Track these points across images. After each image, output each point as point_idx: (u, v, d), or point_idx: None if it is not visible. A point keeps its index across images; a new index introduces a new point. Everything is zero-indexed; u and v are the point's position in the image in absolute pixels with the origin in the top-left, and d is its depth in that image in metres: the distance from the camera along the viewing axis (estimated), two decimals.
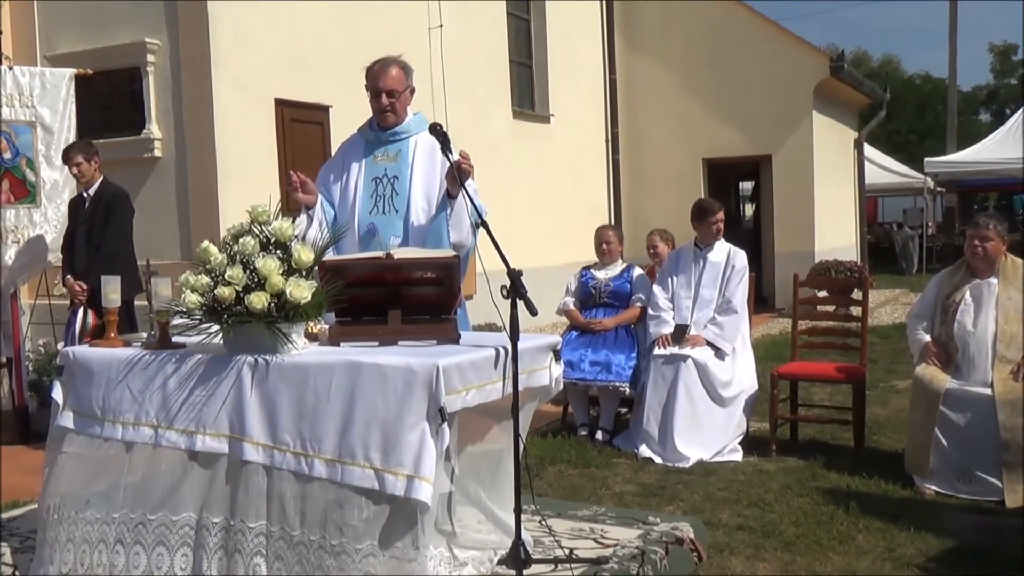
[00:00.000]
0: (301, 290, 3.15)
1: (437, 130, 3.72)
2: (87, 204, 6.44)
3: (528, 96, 13.02)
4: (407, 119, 4.10)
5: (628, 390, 6.27)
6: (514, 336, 3.22)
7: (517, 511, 3.33)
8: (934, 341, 5.31)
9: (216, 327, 3.26)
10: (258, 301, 3.12)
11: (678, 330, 6.10)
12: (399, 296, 3.46)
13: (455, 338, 3.41)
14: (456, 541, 3.48)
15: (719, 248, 6.27)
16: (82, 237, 6.39)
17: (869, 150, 19.04)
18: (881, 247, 23.28)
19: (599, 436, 6.30)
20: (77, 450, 3.52)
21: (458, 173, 3.70)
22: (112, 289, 3.71)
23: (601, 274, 6.74)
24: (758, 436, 6.16)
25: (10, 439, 6.59)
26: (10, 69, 6.83)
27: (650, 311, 6.32)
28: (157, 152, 8.03)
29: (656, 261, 6.93)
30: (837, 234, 14.88)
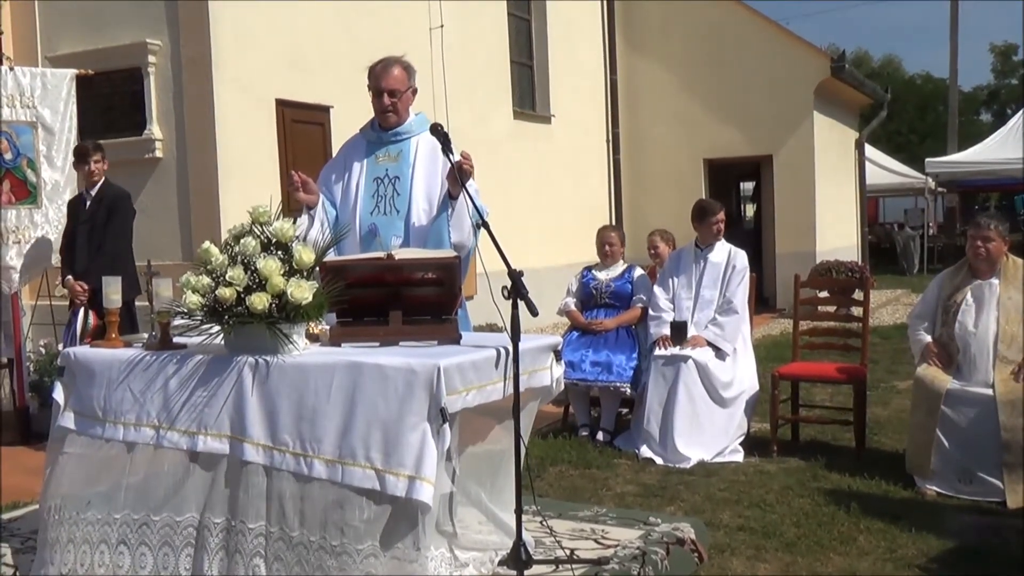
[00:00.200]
0: (302, 291, 3.15)
1: (438, 131, 3.72)
2: (88, 204, 6.44)
3: (529, 96, 13.02)
4: (409, 119, 4.10)
5: (629, 391, 6.27)
6: (515, 336, 3.22)
7: (518, 512, 3.33)
8: (935, 342, 5.31)
9: (217, 328, 3.26)
10: (259, 302, 3.13)
11: (676, 326, 6.09)
12: (400, 297, 3.45)
13: (456, 339, 3.41)
14: (457, 542, 3.48)
15: (720, 248, 6.27)
16: (83, 237, 6.39)
17: (870, 150, 19.04)
18: (882, 247, 23.27)
19: (600, 437, 6.30)
20: (78, 451, 3.53)
21: (459, 174, 3.70)
22: (113, 290, 3.72)
23: (602, 275, 6.74)
24: (759, 437, 6.16)
25: (11, 440, 6.59)
26: (11, 70, 6.82)
27: (651, 312, 6.32)
28: (158, 153, 8.03)
29: (657, 262, 6.93)
30: (838, 234, 14.87)
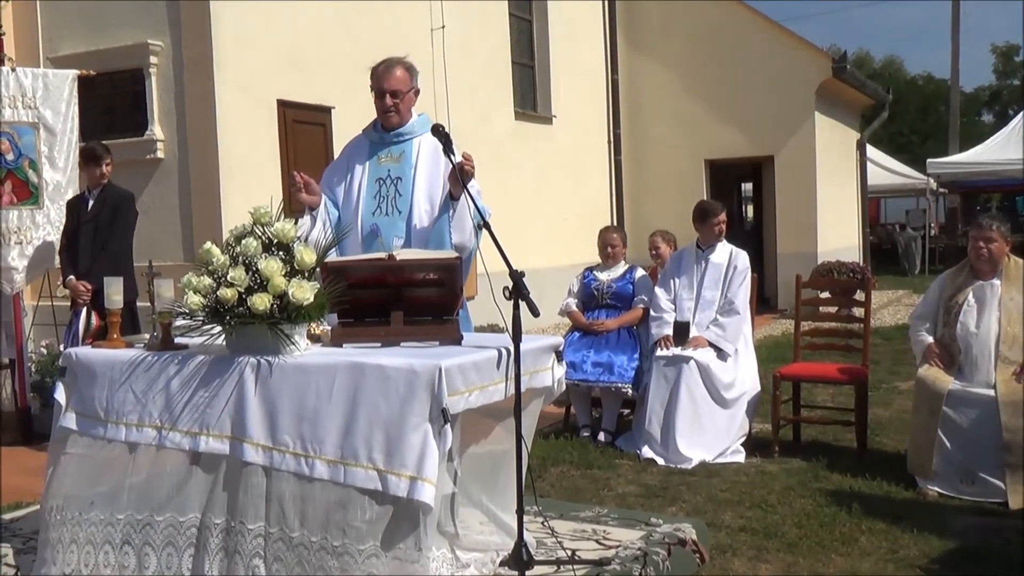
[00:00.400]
0: (303, 291, 3.15)
1: (439, 131, 3.72)
2: (91, 204, 6.44)
3: (530, 97, 13.02)
4: (411, 120, 4.09)
5: (630, 391, 6.27)
6: (516, 337, 3.22)
7: (519, 512, 3.33)
8: (937, 342, 5.31)
9: (219, 328, 3.26)
10: (260, 302, 3.13)
11: (679, 327, 6.10)
12: (401, 297, 3.45)
13: (457, 339, 3.41)
14: (459, 542, 3.48)
15: (721, 249, 6.27)
16: (87, 237, 6.38)
17: (871, 151, 19.03)
18: (883, 248, 23.26)
19: (601, 437, 6.30)
20: (80, 451, 3.53)
21: (460, 175, 3.70)
22: (115, 290, 3.71)
23: (603, 275, 6.74)
24: (760, 437, 6.16)
25: (12, 440, 6.59)
26: (13, 70, 6.82)
27: (652, 312, 6.32)
28: (160, 153, 8.04)
29: (658, 262, 6.93)
30: (839, 235, 14.87)
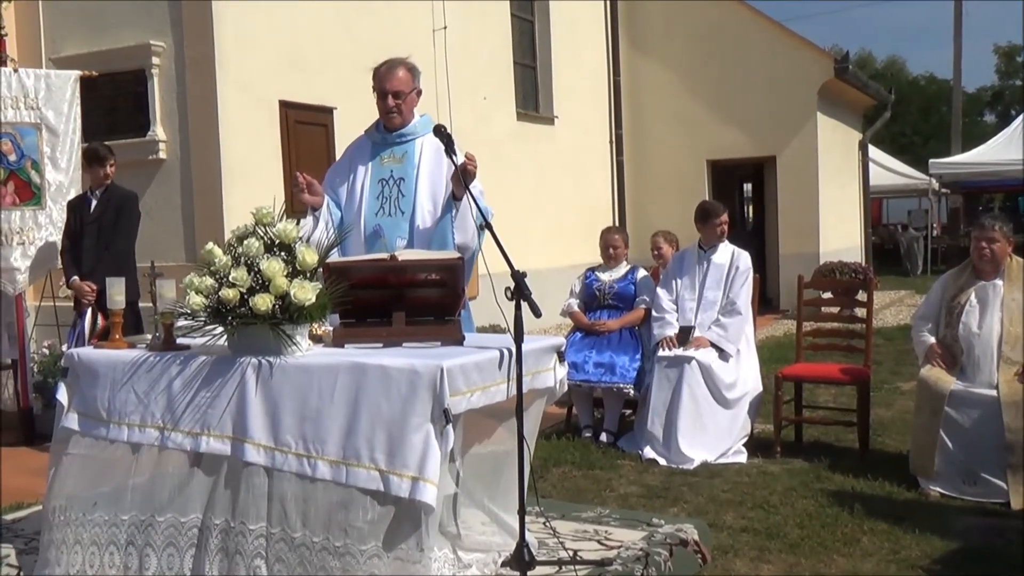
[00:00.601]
0: (305, 292, 3.15)
1: (441, 132, 3.72)
2: (95, 204, 6.44)
3: (532, 97, 13.02)
4: (413, 121, 4.09)
5: (632, 392, 6.27)
6: (518, 338, 3.22)
7: (521, 513, 3.33)
8: (939, 343, 5.30)
9: (220, 329, 3.26)
10: (262, 303, 3.13)
11: (684, 332, 6.10)
12: (403, 298, 3.45)
13: (459, 340, 3.41)
14: (460, 543, 3.48)
15: (723, 250, 6.27)
16: (91, 238, 6.38)
17: (873, 151, 19.01)
18: (886, 248, 23.23)
19: (603, 438, 6.30)
20: (83, 452, 3.53)
21: (463, 175, 3.70)
22: (117, 291, 3.71)
23: (605, 276, 6.74)
24: (762, 438, 6.15)
25: (14, 440, 6.60)
26: (15, 71, 6.83)
27: (654, 313, 6.32)
28: (162, 154, 8.05)
29: (660, 263, 6.92)
30: (841, 235, 14.86)
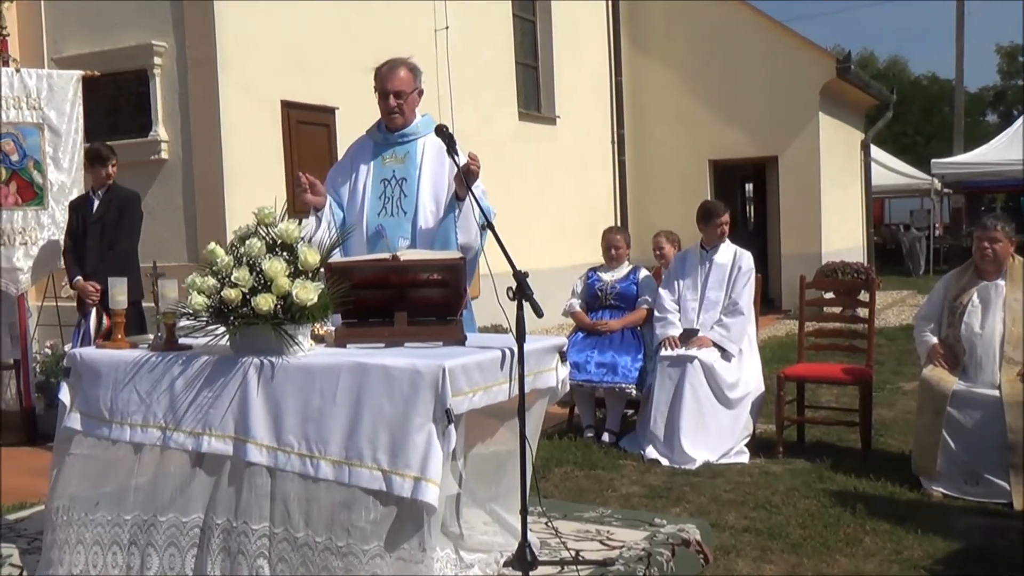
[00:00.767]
0: (307, 292, 3.15)
1: (443, 132, 3.72)
2: (97, 204, 6.45)
3: (534, 97, 13.02)
4: (415, 121, 4.09)
5: (634, 392, 6.27)
6: (520, 338, 3.22)
7: (523, 513, 3.33)
8: (941, 343, 5.30)
9: (222, 329, 3.26)
10: (264, 303, 3.13)
11: (687, 334, 6.10)
12: (405, 298, 3.45)
13: (461, 340, 3.41)
14: (463, 543, 3.48)
15: (725, 250, 6.26)
16: (94, 238, 6.39)
17: (876, 151, 18.99)
18: (888, 248, 23.20)
19: (605, 438, 6.30)
20: (85, 452, 3.53)
21: (465, 175, 3.70)
22: (119, 291, 3.71)
23: (607, 276, 6.74)
24: (764, 438, 6.15)
25: (17, 440, 6.61)
26: (17, 71, 6.84)
27: (656, 313, 6.31)
28: (164, 154, 8.05)
29: (662, 263, 6.92)
30: (843, 235, 14.85)
